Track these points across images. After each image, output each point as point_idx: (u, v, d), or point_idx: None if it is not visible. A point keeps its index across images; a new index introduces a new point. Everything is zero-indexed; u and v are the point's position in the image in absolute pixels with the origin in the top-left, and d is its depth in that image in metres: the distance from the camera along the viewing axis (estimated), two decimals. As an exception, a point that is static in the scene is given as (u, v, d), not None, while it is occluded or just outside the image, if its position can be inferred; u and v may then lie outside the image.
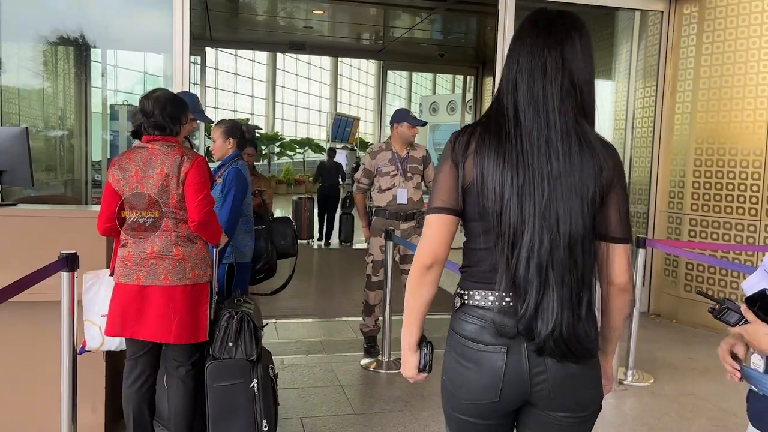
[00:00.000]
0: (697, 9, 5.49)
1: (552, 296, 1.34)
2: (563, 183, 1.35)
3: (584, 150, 1.36)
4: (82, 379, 2.64)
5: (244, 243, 3.46)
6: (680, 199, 5.65)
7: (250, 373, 2.63)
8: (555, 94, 1.37)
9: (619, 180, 1.40)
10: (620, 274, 1.42)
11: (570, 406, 1.42)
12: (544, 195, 1.34)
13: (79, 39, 7.00)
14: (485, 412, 1.44)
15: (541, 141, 1.36)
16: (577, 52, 1.40)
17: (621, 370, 4.08)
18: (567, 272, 1.34)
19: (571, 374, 1.39)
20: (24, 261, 2.53)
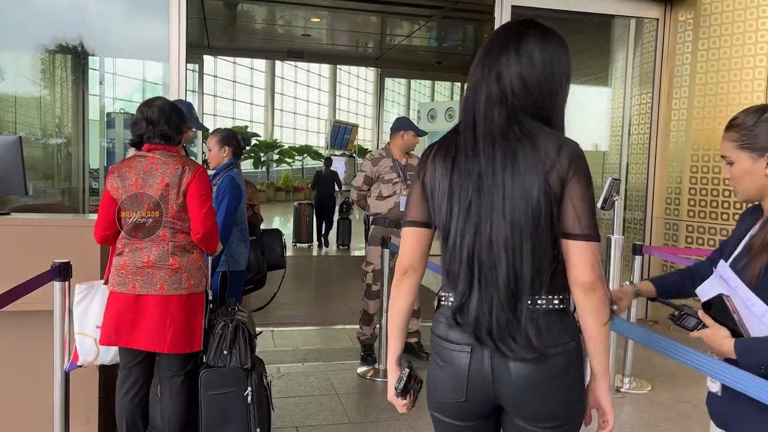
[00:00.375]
0: (692, 16, 5.50)
1: (477, 295, 1.37)
2: (492, 183, 1.35)
3: (524, 150, 1.34)
4: (75, 389, 2.63)
5: (238, 251, 3.45)
6: (677, 206, 5.65)
7: (244, 382, 2.62)
8: (489, 99, 1.39)
9: (575, 176, 1.34)
10: (582, 273, 1.34)
11: (536, 414, 1.38)
12: (469, 195, 1.37)
13: (77, 47, 7.01)
14: (456, 412, 1.44)
15: (472, 144, 1.39)
16: (523, 55, 1.40)
17: (618, 377, 4.06)
18: (496, 271, 1.35)
19: (533, 378, 1.35)
20: (17, 270, 2.52)
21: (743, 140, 1.52)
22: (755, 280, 1.44)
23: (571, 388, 1.40)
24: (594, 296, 1.34)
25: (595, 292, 1.34)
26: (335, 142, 21.34)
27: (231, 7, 7.64)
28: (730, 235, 1.73)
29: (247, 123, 27.30)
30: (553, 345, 1.35)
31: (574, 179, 1.34)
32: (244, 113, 29.75)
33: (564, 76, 1.44)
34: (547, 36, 1.44)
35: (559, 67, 1.43)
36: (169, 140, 2.57)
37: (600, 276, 1.34)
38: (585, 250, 1.33)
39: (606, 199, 3.87)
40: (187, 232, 2.55)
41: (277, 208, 20.41)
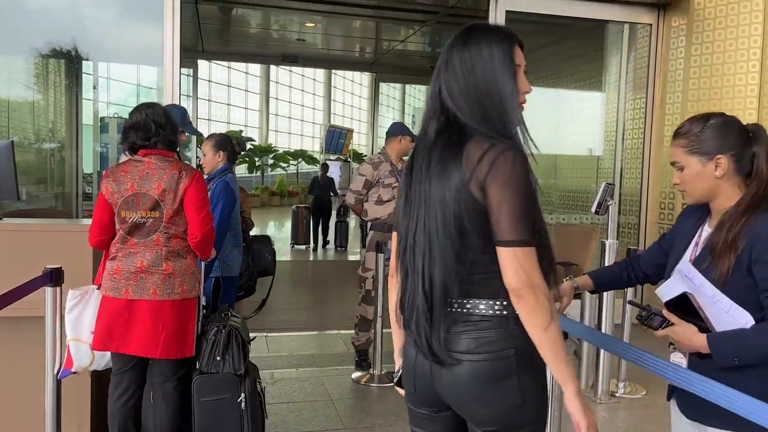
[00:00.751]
0: (686, 21, 5.53)
1: (406, 297, 1.45)
2: (419, 191, 1.41)
3: (447, 159, 1.37)
4: (67, 395, 2.61)
5: (231, 257, 3.44)
6: (671, 211, 5.66)
7: (238, 388, 2.60)
8: (427, 113, 1.47)
9: (492, 181, 1.32)
10: (509, 280, 1.32)
11: (474, 417, 1.40)
12: (403, 203, 1.47)
13: (71, 51, 6.99)
14: (413, 401, 1.52)
15: (414, 156, 1.46)
16: (449, 67, 1.42)
17: (613, 382, 4.06)
18: (415, 275, 1.41)
19: (464, 382, 1.37)
20: (8, 276, 2.50)
21: (692, 146, 1.62)
22: (723, 279, 1.51)
23: (508, 396, 1.37)
24: (522, 302, 1.31)
25: (523, 298, 1.31)
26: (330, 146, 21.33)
27: (225, 12, 7.63)
28: (671, 231, 1.81)
29: (241, 127, 27.29)
30: (481, 351, 1.35)
31: (492, 185, 1.32)
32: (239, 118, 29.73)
33: (494, 72, 1.39)
34: (468, 39, 1.42)
35: (485, 65, 1.39)
36: (172, 145, 2.57)
37: (527, 282, 1.30)
38: (507, 256, 1.32)
39: (600, 203, 3.88)
40: (181, 237, 2.54)
41: (271, 212, 20.38)
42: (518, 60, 1.43)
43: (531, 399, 1.39)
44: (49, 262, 2.49)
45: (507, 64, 1.40)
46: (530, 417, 1.40)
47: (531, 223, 1.32)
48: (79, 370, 2.63)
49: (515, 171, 1.33)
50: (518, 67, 1.43)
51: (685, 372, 1.47)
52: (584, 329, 1.91)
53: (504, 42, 1.41)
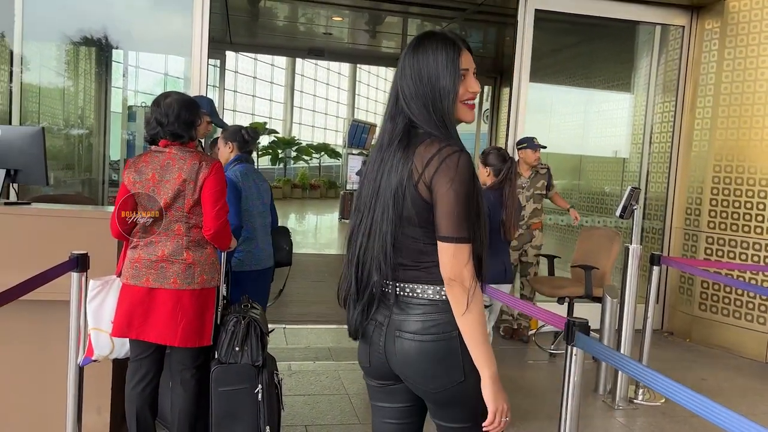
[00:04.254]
0: (719, 24, 5.43)
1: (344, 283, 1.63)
2: (371, 186, 1.55)
3: (400, 155, 1.50)
4: (88, 380, 2.65)
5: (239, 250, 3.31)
6: (697, 216, 5.57)
7: (255, 379, 2.62)
8: (385, 115, 1.58)
9: (441, 180, 1.45)
10: (443, 270, 1.48)
11: (419, 389, 1.57)
12: (360, 196, 1.59)
13: (101, 39, 7.08)
14: (370, 375, 1.67)
15: (375, 150, 1.58)
16: (403, 72, 1.54)
17: (631, 388, 4.01)
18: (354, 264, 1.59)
19: (409, 358, 1.53)
20: (35, 260, 2.54)
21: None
22: None
23: (453, 373, 1.52)
24: (450, 291, 1.48)
25: (452, 287, 1.47)
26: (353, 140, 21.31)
27: (254, 4, 7.66)
28: None
29: (266, 119, 27.41)
30: (428, 332, 1.52)
31: (437, 185, 1.46)
32: (264, 109, 29.87)
33: (438, 78, 1.51)
34: (417, 47, 1.54)
35: (431, 71, 1.51)
36: (181, 138, 2.56)
37: (458, 274, 1.46)
38: (444, 250, 1.47)
39: (625, 207, 3.83)
40: (201, 227, 2.56)
41: (293, 205, 20.48)
42: (464, 64, 1.53)
43: (472, 376, 1.51)
44: (75, 248, 2.53)
45: (451, 70, 1.51)
46: (473, 393, 1.52)
47: (469, 222, 1.47)
48: (100, 358, 2.67)
49: (459, 173, 1.46)
50: (465, 71, 1.53)
51: (700, 399, 1.42)
52: (601, 348, 1.88)
53: (449, 48, 1.52)
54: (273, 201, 3.64)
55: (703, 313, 5.48)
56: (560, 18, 5.77)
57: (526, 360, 4.77)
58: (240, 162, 3.42)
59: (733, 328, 5.26)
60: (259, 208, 3.42)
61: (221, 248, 2.67)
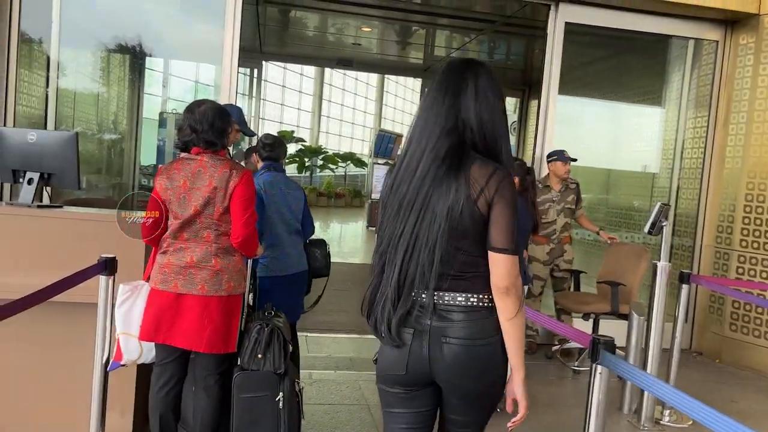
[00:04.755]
0: (754, 40, 5.32)
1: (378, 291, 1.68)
2: (416, 198, 1.62)
3: (453, 173, 1.60)
4: (112, 382, 2.69)
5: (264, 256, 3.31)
6: (729, 234, 5.45)
7: (277, 387, 2.63)
8: (436, 130, 1.64)
9: (500, 199, 1.60)
10: (499, 279, 1.61)
11: (459, 390, 1.68)
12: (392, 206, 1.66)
13: (135, 47, 7.23)
14: (396, 382, 1.72)
15: (410, 168, 1.65)
16: (469, 93, 1.65)
17: (658, 409, 3.93)
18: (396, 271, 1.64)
19: (455, 356, 1.63)
20: (65, 262, 2.59)
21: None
22: None
23: (492, 374, 1.67)
24: (507, 297, 1.61)
25: (508, 295, 1.61)
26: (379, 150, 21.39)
27: (284, 14, 7.76)
28: None
29: (294, 128, 27.67)
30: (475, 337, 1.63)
31: (497, 203, 1.60)
32: (292, 118, 30.15)
33: (498, 110, 1.68)
34: (492, 75, 1.69)
35: (495, 103, 1.67)
36: (215, 146, 2.60)
37: (513, 282, 1.61)
38: (500, 260, 1.60)
39: (654, 223, 3.76)
40: (230, 235, 2.59)
41: (318, 213, 20.58)
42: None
43: (504, 376, 1.69)
44: (104, 251, 2.57)
45: (503, 105, 1.71)
46: (500, 390, 1.71)
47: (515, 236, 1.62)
48: (128, 363, 2.71)
49: (513, 194, 1.63)
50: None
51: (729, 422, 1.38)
52: (626, 367, 1.84)
53: (499, 86, 1.70)
54: (308, 210, 3.61)
55: (734, 333, 5.35)
56: (590, 31, 5.73)
57: (548, 376, 4.69)
58: (268, 170, 3.44)
59: (764, 350, 5.12)
60: (284, 216, 3.41)
61: (248, 255, 2.70)
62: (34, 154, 3.06)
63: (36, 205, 3.01)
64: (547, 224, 5.02)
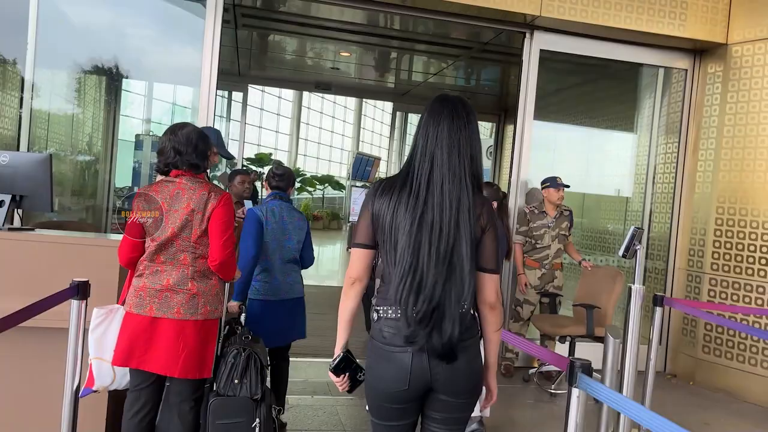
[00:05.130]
0: (722, 68, 5.49)
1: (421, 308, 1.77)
2: (449, 227, 1.79)
3: (463, 201, 1.81)
4: (83, 409, 2.62)
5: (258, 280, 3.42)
6: (700, 258, 5.55)
7: (253, 413, 2.59)
8: (463, 163, 1.83)
9: (491, 226, 1.86)
10: (488, 296, 1.88)
11: (456, 391, 1.86)
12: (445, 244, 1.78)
13: (112, 68, 7.19)
14: (397, 398, 1.86)
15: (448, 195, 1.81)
16: (472, 131, 1.88)
17: (634, 431, 3.94)
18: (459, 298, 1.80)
19: (459, 367, 1.83)
20: (36, 286, 2.55)
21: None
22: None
23: (479, 372, 1.93)
24: (495, 312, 1.90)
25: (495, 309, 1.90)
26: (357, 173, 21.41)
27: (263, 38, 7.80)
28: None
29: (271, 150, 27.62)
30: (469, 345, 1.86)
31: (491, 230, 1.86)
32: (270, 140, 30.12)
33: (479, 142, 1.92)
34: (470, 111, 1.90)
35: (478, 137, 1.91)
36: (196, 168, 2.60)
37: (499, 299, 1.90)
38: (490, 280, 1.88)
39: (628, 247, 3.81)
40: (207, 258, 2.57)
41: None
42: None
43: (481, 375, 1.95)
44: (77, 275, 2.52)
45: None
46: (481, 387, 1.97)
47: None
48: (100, 389, 2.65)
49: (496, 220, 1.90)
50: None
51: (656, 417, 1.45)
52: (603, 390, 1.85)
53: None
54: (310, 240, 3.69)
55: (706, 355, 5.42)
56: (564, 58, 5.86)
57: (526, 399, 4.70)
58: (274, 198, 3.56)
59: (737, 372, 5.19)
60: (281, 243, 3.49)
61: (225, 279, 2.67)
62: (5, 176, 3.02)
63: (7, 228, 2.96)
64: (542, 249, 5.10)
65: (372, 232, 1.87)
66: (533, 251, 5.15)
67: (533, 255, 5.14)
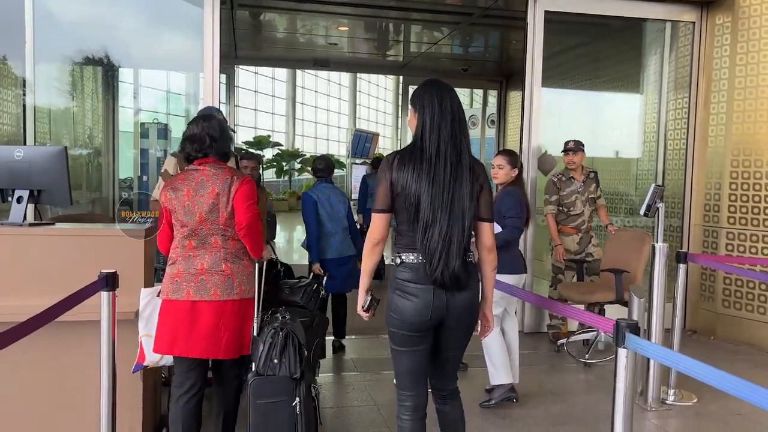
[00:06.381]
0: (730, 19, 5.40)
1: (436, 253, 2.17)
2: (458, 189, 2.20)
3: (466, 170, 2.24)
4: (120, 399, 2.62)
5: None
6: (716, 212, 5.52)
7: (293, 391, 2.61)
8: (463, 132, 2.26)
9: (485, 182, 2.30)
10: (487, 241, 2.33)
11: (465, 321, 2.30)
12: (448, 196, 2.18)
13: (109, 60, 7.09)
14: (419, 327, 2.24)
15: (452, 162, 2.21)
16: (460, 104, 2.29)
17: (663, 389, 3.95)
18: (456, 237, 2.19)
19: (464, 302, 2.26)
20: (63, 281, 2.54)
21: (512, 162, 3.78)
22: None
23: (478, 307, 2.37)
24: (493, 254, 2.35)
25: (492, 252, 2.34)
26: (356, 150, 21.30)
27: (258, 17, 7.67)
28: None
29: (269, 132, 27.47)
30: (474, 282, 2.31)
31: (486, 187, 2.30)
32: (266, 123, 29.94)
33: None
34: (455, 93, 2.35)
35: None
36: (226, 157, 2.70)
37: (494, 243, 2.34)
38: (487, 227, 2.33)
39: (650, 205, 3.79)
40: (237, 239, 2.62)
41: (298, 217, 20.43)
42: None
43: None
44: (103, 267, 2.51)
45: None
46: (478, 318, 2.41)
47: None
48: (150, 364, 2.72)
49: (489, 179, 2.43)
50: None
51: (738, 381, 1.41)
52: (654, 348, 1.84)
53: None
54: (351, 211, 4.83)
55: (726, 309, 5.42)
56: (567, 19, 5.76)
57: (556, 368, 4.68)
58: (320, 183, 4.73)
59: (758, 323, 5.20)
60: (331, 215, 4.61)
61: (254, 252, 2.69)
62: (21, 171, 2.96)
63: (28, 224, 2.93)
64: (576, 216, 5.07)
65: (390, 198, 2.22)
66: (568, 219, 5.10)
67: (569, 223, 5.09)
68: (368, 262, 2.30)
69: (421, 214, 2.17)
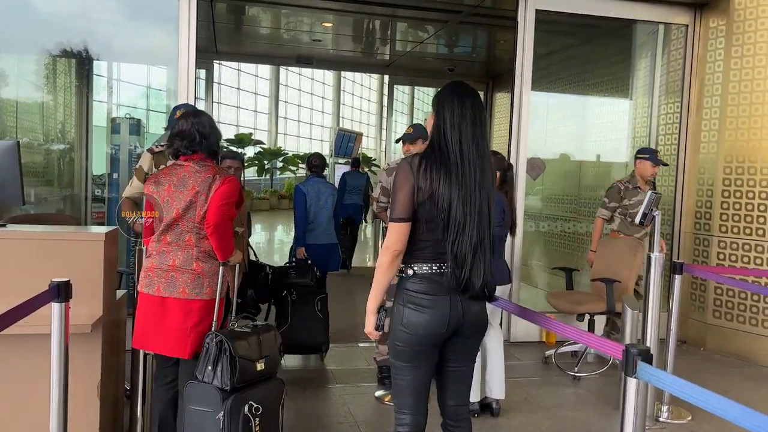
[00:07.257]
0: (725, 22, 5.27)
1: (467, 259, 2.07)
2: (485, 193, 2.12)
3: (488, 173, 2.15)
4: (75, 418, 2.37)
5: None
6: (708, 220, 5.38)
7: (220, 404, 2.45)
8: (483, 136, 2.15)
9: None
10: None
11: (480, 330, 2.24)
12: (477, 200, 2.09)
13: (81, 52, 6.79)
14: (433, 340, 2.12)
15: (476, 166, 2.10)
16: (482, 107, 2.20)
17: (657, 405, 3.79)
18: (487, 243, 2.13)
19: (479, 311, 2.18)
20: (14, 288, 2.29)
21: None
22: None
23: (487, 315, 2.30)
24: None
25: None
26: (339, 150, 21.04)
27: (239, 12, 7.41)
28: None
29: (251, 130, 27.09)
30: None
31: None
32: (248, 120, 29.54)
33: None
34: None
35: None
36: (215, 155, 2.69)
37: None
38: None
39: (646, 214, 3.61)
40: None
41: (280, 216, 20.14)
42: None
43: None
44: (58, 274, 2.25)
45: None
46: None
47: None
48: None
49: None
50: None
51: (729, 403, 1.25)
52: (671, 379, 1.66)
53: None
54: (337, 204, 5.30)
55: (717, 320, 5.29)
56: (558, 19, 5.60)
57: (544, 381, 4.48)
58: (313, 177, 5.10)
59: (749, 335, 5.07)
60: (321, 207, 4.99)
61: (220, 253, 2.60)
62: (-31, 168, 2.71)
63: (-24, 226, 2.67)
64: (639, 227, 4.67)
65: (412, 206, 2.05)
66: (631, 229, 4.81)
67: (633, 232, 4.80)
68: (385, 278, 2.13)
69: (452, 220, 2.05)
